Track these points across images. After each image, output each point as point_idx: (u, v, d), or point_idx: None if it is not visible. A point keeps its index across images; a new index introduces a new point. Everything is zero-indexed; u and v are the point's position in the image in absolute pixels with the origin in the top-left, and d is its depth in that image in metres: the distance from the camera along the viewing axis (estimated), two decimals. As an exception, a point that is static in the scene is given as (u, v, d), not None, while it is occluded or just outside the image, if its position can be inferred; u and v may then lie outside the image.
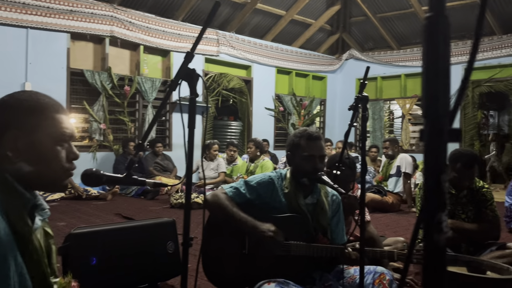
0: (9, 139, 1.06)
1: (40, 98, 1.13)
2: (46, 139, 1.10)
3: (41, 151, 1.09)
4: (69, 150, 1.15)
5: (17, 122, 1.08)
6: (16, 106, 1.09)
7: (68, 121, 1.16)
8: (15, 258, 1.02)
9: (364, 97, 1.85)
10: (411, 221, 5.13)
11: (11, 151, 1.06)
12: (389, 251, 2.13)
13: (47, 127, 1.10)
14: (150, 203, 6.08)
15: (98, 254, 2.29)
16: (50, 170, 1.11)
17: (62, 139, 1.13)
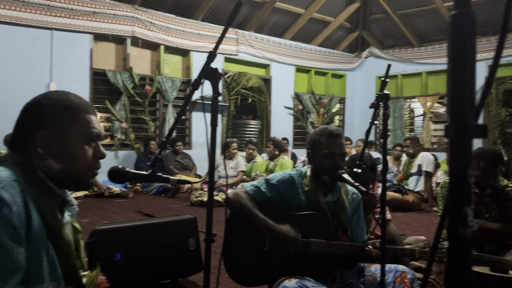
0: (40, 137, 1.12)
1: (71, 98, 1.18)
2: (75, 138, 1.15)
3: (69, 149, 1.14)
4: (96, 149, 1.20)
5: (48, 121, 1.13)
6: (48, 105, 1.14)
7: (96, 121, 1.21)
8: (47, 249, 1.07)
9: (385, 95, 1.84)
10: (433, 220, 5.06)
11: (42, 148, 1.11)
12: (410, 249, 2.11)
13: (76, 127, 1.15)
14: (171, 201, 6.16)
15: (121, 250, 2.34)
16: (76, 167, 1.15)
17: (89, 138, 1.18)
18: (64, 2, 6.68)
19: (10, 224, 0.95)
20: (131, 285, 2.34)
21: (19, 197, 1.01)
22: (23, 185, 1.04)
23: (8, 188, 0.99)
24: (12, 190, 0.99)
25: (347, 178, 2.13)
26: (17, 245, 0.96)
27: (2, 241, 0.93)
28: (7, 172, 1.04)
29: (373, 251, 2.08)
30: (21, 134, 1.14)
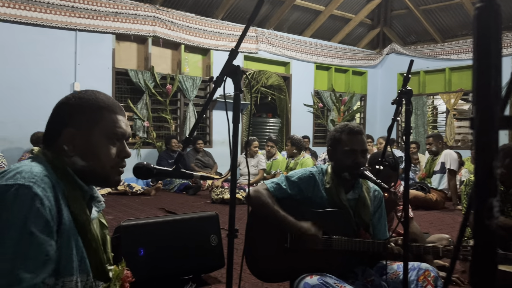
0: (67, 134, 1.16)
1: (99, 98, 1.21)
2: (100, 138, 1.18)
3: (93, 147, 1.18)
4: (121, 148, 1.23)
5: (74, 119, 1.17)
6: (75, 104, 1.19)
7: (123, 121, 1.24)
8: (77, 243, 1.10)
9: (408, 91, 1.82)
10: (457, 219, 4.97)
11: (67, 145, 1.16)
12: (434, 247, 2.09)
13: (101, 126, 1.19)
14: (192, 198, 6.23)
15: (145, 246, 2.39)
16: (100, 165, 1.19)
17: (114, 138, 1.21)
18: (87, 3, 6.82)
19: (42, 217, 0.99)
20: (154, 280, 2.39)
21: (50, 192, 1.04)
22: (54, 180, 1.08)
23: (40, 183, 1.03)
24: (44, 185, 1.03)
25: (369, 175, 2.12)
26: (48, 238, 0.99)
27: (34, 233, 0.97)
28: (39, 168, 1.08)
29: (395, 249, 2.06)
30: (51, 131, 1.19)
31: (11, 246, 0.93)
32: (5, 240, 0.93)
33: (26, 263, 0.94)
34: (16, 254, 0.93)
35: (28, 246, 0.95)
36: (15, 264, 0.92)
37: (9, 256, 0.92)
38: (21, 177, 1.01)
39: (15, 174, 1.02)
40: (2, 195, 0.98)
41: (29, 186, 1.00)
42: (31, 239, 0.96)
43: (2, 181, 1.01)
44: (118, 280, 1.27)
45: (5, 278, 0.91)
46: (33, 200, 0.99)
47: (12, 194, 0.98)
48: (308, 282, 1.95)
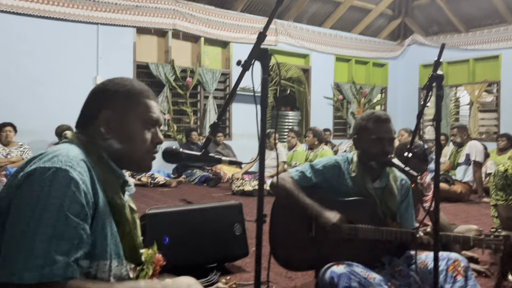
0: (104, 118, 1.17)
1: (135, 84, 1.24)
2: (135, 121, 1.20)
3: (130, 131, 1.19)
4: (155, 134, 1.25)
5: (112, 103, 1.19)
6: (112, 89, 1.21)
7: (156, 107, 1.27)
8: (111, 227, 1.11)
9: (439, 76, 1.77)
10: (482, 211, 4.87)
11: (104, 128, 1.17)
12: (464, 236, 2.03)
13: (137, 111, 1.21)
14: (213, 190, 6.25)
15: (170, 234, 2.40)
16: (135, 149, 1.20)
17: (149, 123, 1.22)
18: (108, -3, 6.89)
19: (77, 201, 0.99)
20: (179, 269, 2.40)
21: (86, 176, 1.05)
22: (90, 164, 1.09)
23: (77, 167, 1.03)
24: (80, 169, 1.04)
25: (397, 163, 2.08)
26: (82, 222, 1.00)
27: (69, 216, 0.97)
28: (76, 151, 1.09)
29: (424, 238, 2.02)
30: (86, 114, 1.20)
31: (48, 228, 0.94)
32: (42, 222, 0.94)
33: (61, 245, 0.94)
34: (52, 235, 0.94)
35: (63, 228, 0.96)
36: (50, 245, 0.93)
37: (46, 238, 0.93)
38: (58, 160, 1.02)
39: (52, 157, 1.03)
40: (40, 177, 0.99)
41: (66, 169, 1.00)
42: (67, 222, 0.97)
43: (40, 163, 1.02)
44: (151, 263, 1.27)
45: (41, 258, 0.92)
46: (69, 184, 0.99)
47: (50, 176, 0.98)
48: (335, 271, 1.93)
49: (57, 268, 0.92)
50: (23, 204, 0.96)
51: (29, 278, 0.89)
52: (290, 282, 2.43)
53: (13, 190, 1.01)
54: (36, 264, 0.91)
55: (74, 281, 0.95)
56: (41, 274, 0.90)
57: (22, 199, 0.97)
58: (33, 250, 0.91)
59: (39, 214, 0.94)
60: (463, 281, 2.04)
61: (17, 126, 5.92)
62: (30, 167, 1.02)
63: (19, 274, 0.89)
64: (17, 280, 0.89)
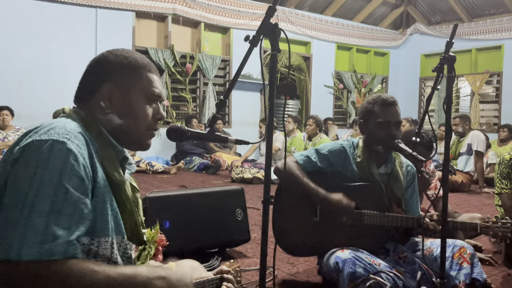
0: (105, 91, 1.12)
1: (137, 57, 1.18)
2: (138, 96, 1.15)
3: (132, 106, 1.14)
4: (156, 110, 1.20)
5: (114, 76, 1.13)
6: (114, 61, 1.15)
7: (158, 81, 1.22)
8: (111, 204, 1.06)
9: (451, 57, 1.72)
10: (484, 201, 4.85)
11: (104, 102, 1.12)
12: (471, 223, 2.00)
13: (140, 84, 1.15)
14: (212, 177, 6.21)
15: (171, 218, 2.36)
16: (136, 125, 1.15)
17: (151, 98, 1.17)
18: (107, -20, 6.77)
19: (76, 174, 0.95)
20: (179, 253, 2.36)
21: (85, 149, 1.00)
22: (88, 138, 1.04)
23: (74, 140, 0.98)
24: (78, 142, 0.99)
25: (404, 148, 2.04)
26: (83, 196, 0.95)
27: (69, 190, 0.93)
28: (73, 124, 1.04)
29: (430, 224, 1.99)
30: (86, 88, 1.15)
31: (46, 202, 0.90)
32: (40, 196, 0.89)
33: (61, 220, 0.90)
34: (51, 210, 0.90)
35: (63, 203, 0.91)
36: (49, 221, 0.89)
37: (44, 213, 0.89)
38: (55, 133, 0.97)
39: (48, 130, 0.98)
40: (36, 150, 0.94)
41: (63, 141, 0.96)
42: (66, 196, 0.92)
43: (36, 136, 0.97)
44: (153, 243, 1.23)
45: (40, 235, 0.87)
46: (67, 156, 0.94)
47: (47, 149, 0.94)
48: (339, 256, 1.90)
49: (57, 245, 0.88)
50: (20, 179, 0.92)
51: (27, 254, 0.84)
52: (292, 268, 2.40)
53: (9, 165, 0.96)
54: (35, 240, 0.86)
55: (76, 261, 0.90)
56: (40, 251, 0.85)
57: (18, 174, 0.92)
58: (32, 226, 0.87)
59: (36, 189, 0.89)
60: (469, 268, 2.01)
61: (14, 110, 5.85)
62: (26, 141, 0.97)
63: (17, 251, 0.84)
64: (14, 257, 0.84)
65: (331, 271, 1.94)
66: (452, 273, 1.95)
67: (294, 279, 2.27)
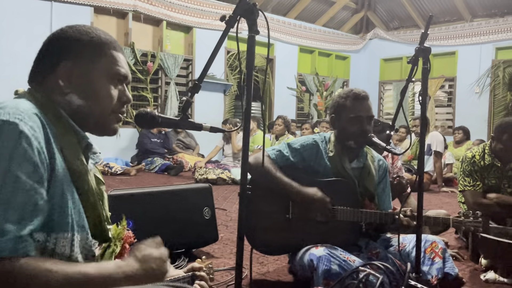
0: (64, 69, 1.00)
1: (101, 33, 1.07)
2: (101, 75, 1.04)
3: (94, 85, 1.03)
4: (122, 92, 1.08)
5: (74, 53, 1.02)
6: (74, 37, 1.03)
7: (124, 61, 1.10)
8: (72, 195, 0.94)
9: (426, 49, 1.71)
10: (443, 200, 4.98)
11: (63, 81, 1.00)
12: (444, 218, 2.01)
13: (103, 63, 1.04)
14: (174, 179, 6.04)
15: (134, 217, 2.21)
16: (100, 107, 1.04)
17: (116, 78, 1.06)
18: (64, -28, 6.46)
19: (29, 159, 0.82)
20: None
21: (40, 132, 0.88)
22: (44, 120, 0.91)
23: (28, 121, 0.86)
24: (32, 123, 0.86)
25: (378, 141, 2.01)
26: (37, 185, 0.83)
27: (20, 178, 0.80)
28: (27, 104, 0.92)
29: (404, 220, 1.97)
30: (42, 66, 1.02)
31: None
32: None
33: (10, 213, 0.78)
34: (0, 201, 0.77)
35: (12, 192, 0.79)
36: None
37: None
38: (5, 113, 0.85)
39: None
40: None
41: (14, 122, 0.83)
42: (17, 184, 0.80)
43: None
44: (119, 240, 1.11)
45: None
46: (19, 139, 0.82)
47: None
48: (314, 253, 1.84)
49: (5, 240, 0.76)
50: None
51: None
52: (262, 268, 2.32)
53: None
54: None
55: (28, 259, 0.78)
56: None
57: None
58: None
59: None
60: (441, 262, 2.01)
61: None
62: None
63: None
64: None
65: (305, 269, 1.87)
66: (424, 268, 1.94)
67: (265, 278, 2.19)
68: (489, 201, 2.86)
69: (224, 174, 5.60)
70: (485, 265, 2.40)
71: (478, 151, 3.02)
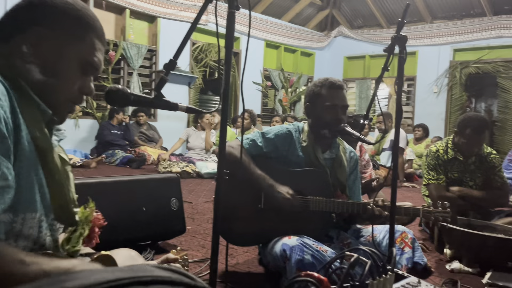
0: (35, 34, 0.89)
1: (91, 14, 0.98)
2: (73, 57, 0.93)
3: (62, 65, 0.93)
4: (87, 82, 0.98)
5: (51, 22, 0.91)
6: (60, 7, 0.92)
7: (102, 52, 1.01)
8: (37, 172, 0.85)
9: (402, 37, 1.70)
10: (405, 194, 5.10)
11: (28, 47, 0.89)
12: (414, 208, 2.02)
13: (80, 46, 0.94)
14: (136, 172, 5.86)
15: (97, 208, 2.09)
16: (58, 88, 0.93)
17: (87, 68, 0.97)
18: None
19: None
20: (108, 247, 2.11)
21: (6, 100, 0.78)
22: (7, 87, 0.81)
23: None
24: None
25: (351, 131, 2.00)
26: (4, 158, 0.73)
27: None
28: None
29: (376, 210, 1.97)
30: (12, 22, 0.90)
31: None
32: None
33: None
34: None
35: None
36: None
37: None
38: None
39: None
40: None
41: None
42: None
43: None
44: (87, 223, 1.02)
45: None
46: None
47: None
48: (287, 243, 1.80)
49: None
50: None
51: None
52: (232, 260, 2.26)
53: None
54: None
55: None
56: None
57: None
58: None
59: None
60: (410, 252, 2.03)
61: None
62: None
63: None
64: None
65: (277, 259, 1.83)
66: (394, 258, 1.95)
67: (234, 270, 2.14)
68: (452, 194, 2.93)
69: (189, 167, 5.49)
70: (449, 255, 2.46)
71: (442, 145, 3.09)
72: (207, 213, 3.46)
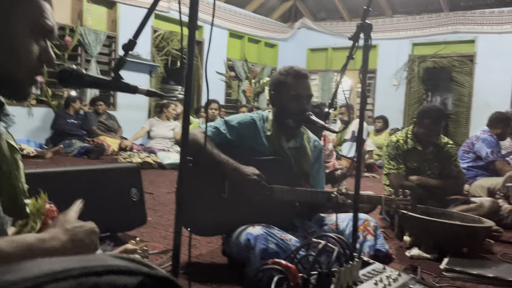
0: None
1: None
2: (22, 25, 0.86)
3: (11, 36, 0.85)
4: (45, 48, 0.91)
5: None
6: None
7: (51, 12, 0.93)
8: None
9: (368, 25, 1.70)
10: (366, 184, 5.21)
11: None
12: (376, 196, 2.05)
13: (26, 12, 0.86)
14: (95, 162, 5.65)
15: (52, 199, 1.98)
16: (15, 64, 0.86)
17: (39, 31, 0.89)
18: None
19: None
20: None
21: None
22: None
23: None
24: None
25: (316, 120, 1.99)
26: None
27: None
28: None
29: (339, 198, 1.97)
30: None
31: None
32: None
33: None
34: None
35: None
36: None
37: None
38: None
39: None
40: None
41: None
42: None
43: None
44: (39, 215, 0.95)
45: None
46: None
47: None
48: (251, 233, 1.78)
49: None
50: None
51: None
52: (195, 250, 2.22)
53: None
54: None
55: None
56: None
57: None
58: None
59: None
60: (373, 240, 2.06)
61: None
62: None
63: None
64: None
65: (242, 248, 1.81)
66: (357, 245, 1.97)
67: (198, 261, 2.09)
68: (411, 183, 3.01)
69: (150, 158, 5.36)
70: (409, 242, 2.52)
71: (402, 136, 3.16)
72: (169, 204, 3.38)
